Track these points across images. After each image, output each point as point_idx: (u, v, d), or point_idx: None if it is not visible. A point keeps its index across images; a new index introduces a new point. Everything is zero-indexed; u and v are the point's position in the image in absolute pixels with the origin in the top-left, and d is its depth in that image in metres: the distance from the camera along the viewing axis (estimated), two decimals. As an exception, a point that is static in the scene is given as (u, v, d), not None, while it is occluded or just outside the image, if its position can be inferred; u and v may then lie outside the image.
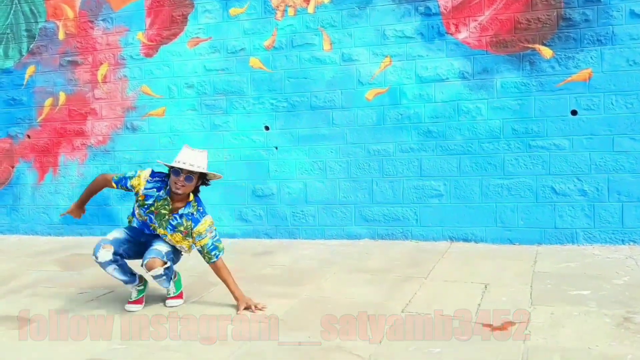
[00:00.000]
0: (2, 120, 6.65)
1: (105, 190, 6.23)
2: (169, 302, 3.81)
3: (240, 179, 5.86)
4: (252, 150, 5.82)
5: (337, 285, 4.10)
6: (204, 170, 3.53)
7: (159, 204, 3.59)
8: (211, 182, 3.71)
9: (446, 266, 4.47)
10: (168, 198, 3.58)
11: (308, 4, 5.59)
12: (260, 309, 3.55)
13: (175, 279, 3.83)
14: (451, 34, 5.23)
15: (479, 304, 3.51)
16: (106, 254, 3.57)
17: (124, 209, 6.24)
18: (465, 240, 5.24)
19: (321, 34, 5.56)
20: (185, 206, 3.59)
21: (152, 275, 3.59)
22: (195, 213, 3.60)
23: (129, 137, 6.20)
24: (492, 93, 5.15)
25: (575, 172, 4.96)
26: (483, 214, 5.20)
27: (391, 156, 5.41)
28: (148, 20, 6.10)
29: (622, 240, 4.84)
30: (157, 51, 6.09)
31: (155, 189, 3.61)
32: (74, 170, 6.42)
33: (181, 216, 3.59)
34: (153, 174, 3.65)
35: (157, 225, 3.65)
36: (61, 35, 6.39)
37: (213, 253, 3.62)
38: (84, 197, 3.95)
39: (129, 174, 3.69)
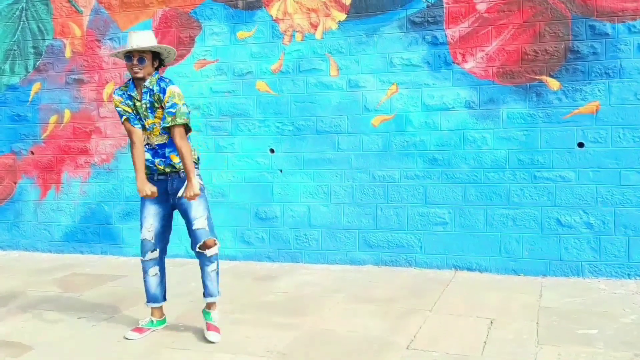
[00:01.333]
0: (7, 136, 6.59)
1: (107, 209, 6.23)
2: (210, 334, 3.57)
3: (244, 200, 5.79)
4: (256, 173, 5.76)
5: (340, 316, 4.02)
6: (150, 45, 3.49)
7: (133, 102, 3.60)
8: (167, 61, 3.70)
9: (451, 298, 4.39)
10: (135, 92, 3.60)
11: (316, 29, 5.56)
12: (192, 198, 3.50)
13: (217, 309, 3.74)
14: (458, 64, 5.19)
15: (485, 342, 3.43)
16: (151, 255, 3.67)
17: (125, 227, 6.16)
18: (470, 269, 5.16)
19: (328, 59, 5.52)
20: (146, 83, 3.57)
21: (207, 256, 3.55)
22: (155, 84, 3.55)
23: (133, 157, 6.13)
24: (498, 123, 5.10)
25: (581, 204, 4.90)
26: (488, 244, 5.13)
27: (396, 182, 5.35)
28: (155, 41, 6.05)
29: (629, 275, 4.77)
30: (163, 72, 6.02)
31: (124, 96, 3.62)
32: (77, 188, 6.35)
33: (146, 93, 3.56)
34: (116, 89, 3.72)
35: (144, 120, 3.60)
36: (68, 54, 6.35)
37: (164, 121, 3.54)
38: (140, 167, 3.64)
39: (121, 113, 3.66)
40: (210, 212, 3.70)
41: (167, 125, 3.53)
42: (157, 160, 3.64)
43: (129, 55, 3.52)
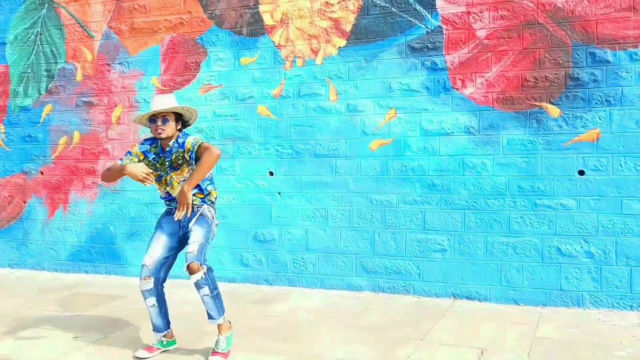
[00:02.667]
0: (18, 156, 6.63)
1: (112, 229, 6.20)
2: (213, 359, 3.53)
3: (243, 222, 5.70)
4: (255, 195, 5.68)
5: (331, 343, 3.86)
6: (173, 106, 3.60)
7: (159, 161, 3.70)
8: (191, 121, 3.81)
9: (445, 327, 4.21)
10: (160, 153, 3.70)
11: (316, 55, 5.52)
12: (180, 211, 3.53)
13: (229, 333, 3.63)
14: (457, 89, 5.08)
15: (473, 374, 3.26)
16: (146, 284, 3.59)
17: (129, 248, 6.11)
18: (469, 298, 4.97)
19: (328, 84, 5.46)
20: (171, 143, 3.67)
21: (193, 281, 3.50)
22: (175, 143, 3.65)
23: (138, 178, 6.11)
24: (497, 149, 4.96)
25: (582, 233, 4.70)
26: (487, 272, 4.94)
27: (394, 207, 5.22)
28: (163, 66, 6.08)
29: (630, 306, 4.54)
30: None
31: (148, 148, 3.73)
32: (84, 208, 6.34)
33: (169, 152, 3.65)
34: (142, 141, 3.81)
35: (165, 175, 3.68)
36: (79, 77, 6.40)
37: (194, 145, 3.61)
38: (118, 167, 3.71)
39: (127, 158, 3.76)
40: (209, 243, 3.66)
41: (200, 148, 3.58)
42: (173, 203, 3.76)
43: (153, 118, 3.62)
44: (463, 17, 5.07)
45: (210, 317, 3.57)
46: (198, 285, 3.48)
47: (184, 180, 3.61)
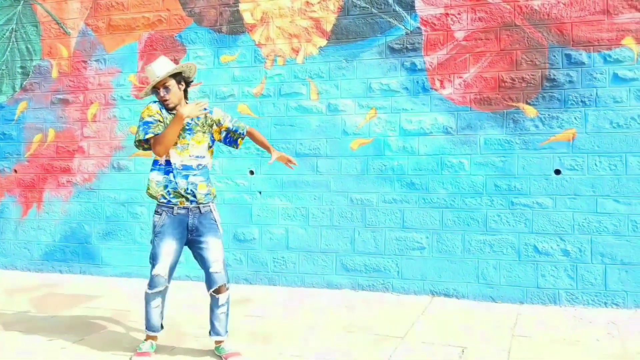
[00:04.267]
0: (-9, 154, 6.39)
1: (87, 228, 6.00)
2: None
3: (223, 222, 5.48)
4: (236, 194, 5.55)
5: (312, 343, 3.77)
6: (168, 71, 3.39)
7: (169, 119, 3.44)
8: (192, 75, 3.65)
9: (425, 325, 4.15)
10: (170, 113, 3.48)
11: (297, 54, 5.42)
12: (293, 163, 3.81)
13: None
14: (436, 90, 5.04)
15: (456, 371, 3.20)
16: (159, 289, 3.42)
17: (105, 247, 5.92)
18: (447, 295, 4.93)
19: (309, 84, 5.37)
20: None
21: (220, 301, 3.40)
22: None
23: (115, 176, 5.93)
24: (475, 149, 4.93)
25: (558, 231, 4.70)
26: (465, 270, 4.91)
27: (374, 206, 5.15)
28: (140, 63, 5.91)
29: (605, 303, 4.55)
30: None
31: (163, 110, 3.49)
32: (58, 207, 6.12)
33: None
34: (153, 102, 3.55)
35: (177, 139, 3.42)
36: (54, 74, 6.18)
37: (239, 132, 3.67)
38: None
39: (150, 125, 3.43)
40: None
41: (244, 131, 3.68)
42: (181, 182, 3.41)
43: (155, 89, 3.46)
44: (441, 18, 5.03)
45: (217, 333, 3.45)
46: (222, 303, 3.40)
47: (197, 157, 3.44)
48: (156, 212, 3.48)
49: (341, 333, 3.95)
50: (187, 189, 3.41)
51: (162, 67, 3.43)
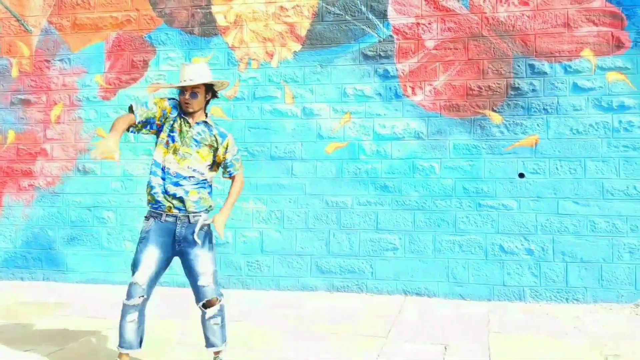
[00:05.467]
0: (-57, 156, 5.99)
1: (51, 233, 5.74)
2: None
3: (195, 226, 5.46)
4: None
5: (296, 346, 3.76)
6: (205, 80, 3.26)
7: (180, 122, 3.28)
8: (221, 89, 3.50)
9: (404, 325, 4.23)
10: (187, 119, 3.30)
11: (272, 58, 5.40)
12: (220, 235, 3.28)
13: (225, 353, 3.34)
14: (408, 96, 5.15)
15: (446, 368, 3.30)
16: (136, 301, 3.17)
17: (70, 253, 5.69)
18: (419, 294, 5.06)
19: (283, 87, 5.36)
20: (204, 121, 3.34)
21: (210, 314, 3.21)
22: (215, 128, 3.34)
23: (80, 180, 5.71)
24: (445, 153, 5.08)
25: (522, 232, 4.92)
26: (436, 269, 5.05)
27: (349, 208, 5.21)
28: (107, 64, 5.72)
29: (566, 299, 4.80)
30: (115, 94, 5.69)
31: (174, 109, 3.32)
32: (19, 212, 5.82)
33: (199, 124, 3.29)
34: (170, 99, 3.39)
35: (180, 144, 3.24)
36: (14, 73, 5.88)
37: (229, 170, 3.39)
38: (120, 127, 3.20)
39: (147, 105, 3.30)
40: (216, 265, 3.36)
41: (234, 174, 3.39)
42: (171, 188, 3.22)
43: (181, 89, 3.28)
44: (413, 27, 5.16)
45: (211, 344, 3.25)
46: (213, 317, 3.21)
47: (193, 170, 3.24)
48: (145, 217, 3.35)
49: (325, 335, 3.98)
50: (176, 194, 3.24)
51: (199, 72, 3.29)
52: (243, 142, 5.41)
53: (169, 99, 3.39)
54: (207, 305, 3.20)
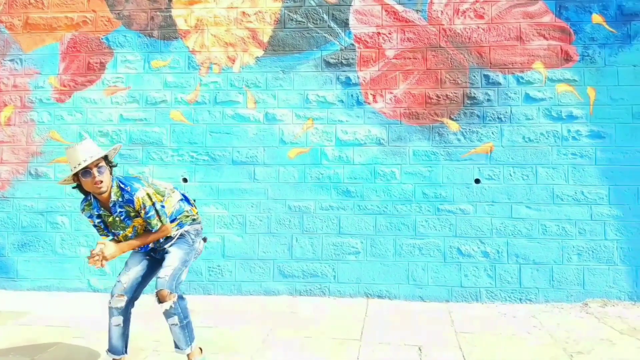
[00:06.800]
0: None
1: (0, 239, 5.36)
2: None
3: (155, 231, 5.24)
4: (168, 203, 5.26)
5: (277, 351, 3.66)
6: (102, 153, 3.01)
7: (108, 220, 3.09)
8: (115, 160, 3.30)
9: (374, 327, 4.20)
10: (102, 210, 3.08)
11: (233, 63, 5.28)
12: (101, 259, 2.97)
13: (200, 358, 3.21)
14: (369, 104, 5.16)
15: (418, 369, 3.28)
16: (118, 301, 3.09)
17: (21, 259, 5.33)
18: (380, 297, 5.05)
19: (245, 92, 5.25)
20: (111, 196, 3.06)
21: (162, 309, 3.05)
22: (120, 197, 3.05)
23: (32, 184, 5.37)
24: (405, 159, 5.11)
25: (479, 235, 5.01)
26: (396, 272, 5.06)
27: (311, 213, 5.15)
28: (62, 65, 5.42)
29: (520, 299, 4.92)
30: (69, 97, 5.40)
31: (93, 217, 3.12)
32: (-37, 217, 5.41)
33: (115, 205, 3.06)
34: (82, 207, 3.15)
35: (120, 232, 3.12)
36: (-40, 72, 5.48)
37: (155, 220, 3.12)
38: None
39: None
40: (187, 266, 3.24)
41: (158, 228, 3.13)
42: (150, 247, 3.27)
43: (86, 171, 2.95)
44: (374, 37, 5.17)
45: (177, 347, 3.16)
46: (167, 314, 3.05)
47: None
48: None
49: (299, 338, 3.89)
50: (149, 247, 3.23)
51: (93, 147, 3.01)
52: (204, 147, 5.26)
53: (83, 212, 3.16)
54: (159, 298, 3.07)
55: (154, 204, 3.08)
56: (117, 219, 3.08)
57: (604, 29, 4.92)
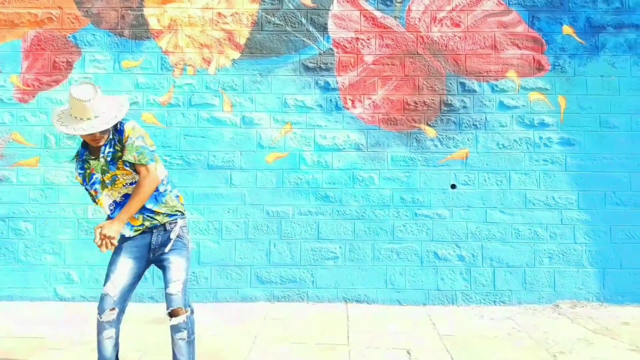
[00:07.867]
0: None
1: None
2: None
3: (126, 238, 5.04)
4: (140, 208, 5.07)
5: (267, 358, 3.58)
6: (118, 119, 2.82)
7: (91, 165, 2.91)
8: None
9: (358, 331, 4.19)
10: (86, 153, 2.94)
11: (209, 65, 5.16)
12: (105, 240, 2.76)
13: None
14: (347, 109, 5.16)
15: (412, 374, 3.29)
16: (110, 315, 2.91)
17: (-23, 269, 5.01)
18: (358, 301, 5.04)
19: (221, 95, 5.14)
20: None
21: (173, 324, 2.90)
22: (115, 133, 2.89)
23: (-9, 188, 5.06)
24: (383, 165, 5.13)
25: (455, 239, 5.09)
26: (374, 276, 5.07)
27: (290, 218, 5.08)
28: (25, 64, 5.14)
29: (494, 302, 5.03)
30: (33, 97, 5.13)
31: (78, 167, 2.97)
32: None
33: (105, 146, 2.88)
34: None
35: (103, 175, 2.90)
36: None
37: (135, 156, 2.85)
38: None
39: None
40: (189, 275, 3.07)
41: (125, 159, 2.85)
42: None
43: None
44: (352, 42, 5.17)
45: None
46: (176, 328, 2.91)
47: (131, 184, 2.89)
48: None
49: (287, 345, 3.83)
50: (144, 216, 2.99)
51: (100, 106, 2.79)
52: (178, 150, 5.11)
53: (75, 167, 3.01)
54: (172, 314, 2.95)
55: (143, 139, 2.89)
56: (102, 160, 2.90)
57: (574, 40, 5.11)
